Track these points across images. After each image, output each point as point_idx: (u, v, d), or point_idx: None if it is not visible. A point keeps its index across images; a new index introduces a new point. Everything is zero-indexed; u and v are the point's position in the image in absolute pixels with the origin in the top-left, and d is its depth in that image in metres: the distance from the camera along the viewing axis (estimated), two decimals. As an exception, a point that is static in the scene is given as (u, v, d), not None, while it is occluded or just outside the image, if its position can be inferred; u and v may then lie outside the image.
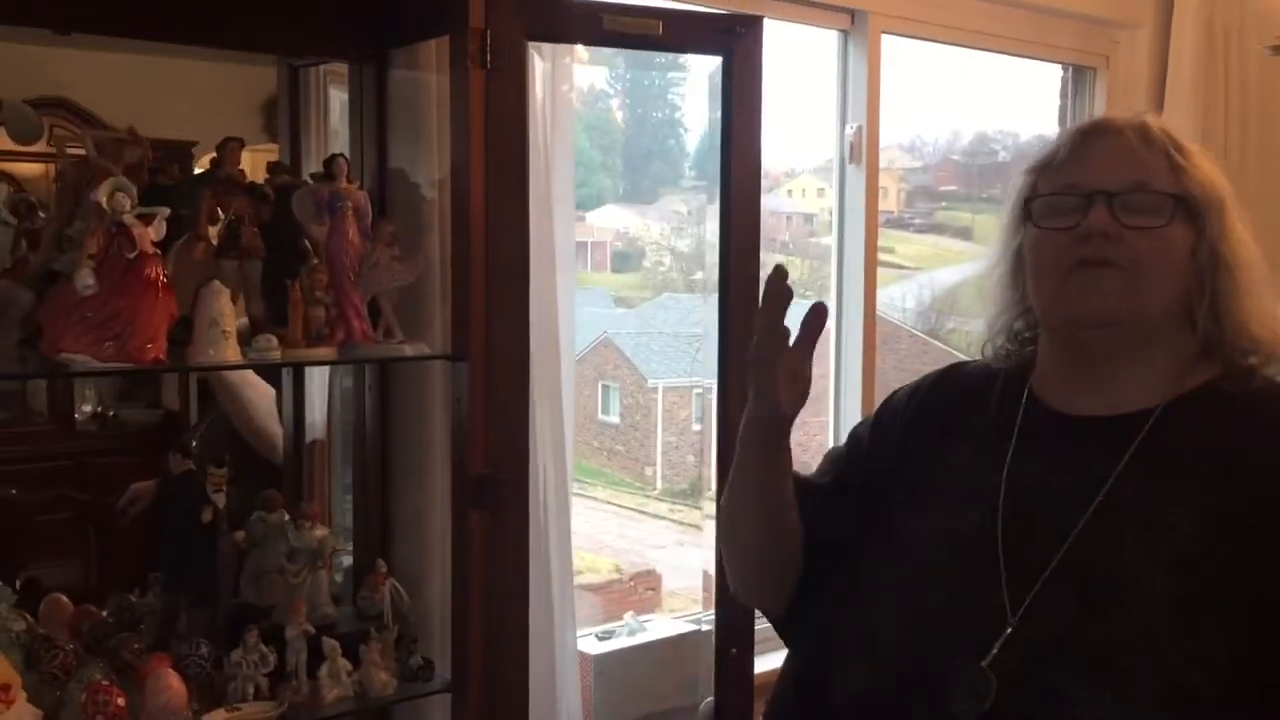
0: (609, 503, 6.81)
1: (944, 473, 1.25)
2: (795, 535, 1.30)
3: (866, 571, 1.24)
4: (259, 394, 2.01)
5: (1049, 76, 3.37)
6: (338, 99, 2.08)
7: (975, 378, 1.33)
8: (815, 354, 1.19)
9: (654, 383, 6.84)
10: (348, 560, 2.02)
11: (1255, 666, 1.04)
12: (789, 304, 1.17)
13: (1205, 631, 1.04)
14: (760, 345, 1.16)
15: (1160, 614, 1.05)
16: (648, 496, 6.83)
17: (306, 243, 1.77)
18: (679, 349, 6.70)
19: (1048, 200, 1.19)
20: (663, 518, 6.59)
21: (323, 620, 1.78)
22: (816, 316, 1.17)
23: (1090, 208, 1.15)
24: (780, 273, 1.15)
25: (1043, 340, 1.26)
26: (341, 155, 1.77)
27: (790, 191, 6.11)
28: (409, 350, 1.77)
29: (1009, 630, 1.10)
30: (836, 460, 1.38)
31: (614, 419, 7.07)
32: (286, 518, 1.82)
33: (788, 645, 1.37)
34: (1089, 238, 1.14)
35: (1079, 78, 3.24)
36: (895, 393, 1.39)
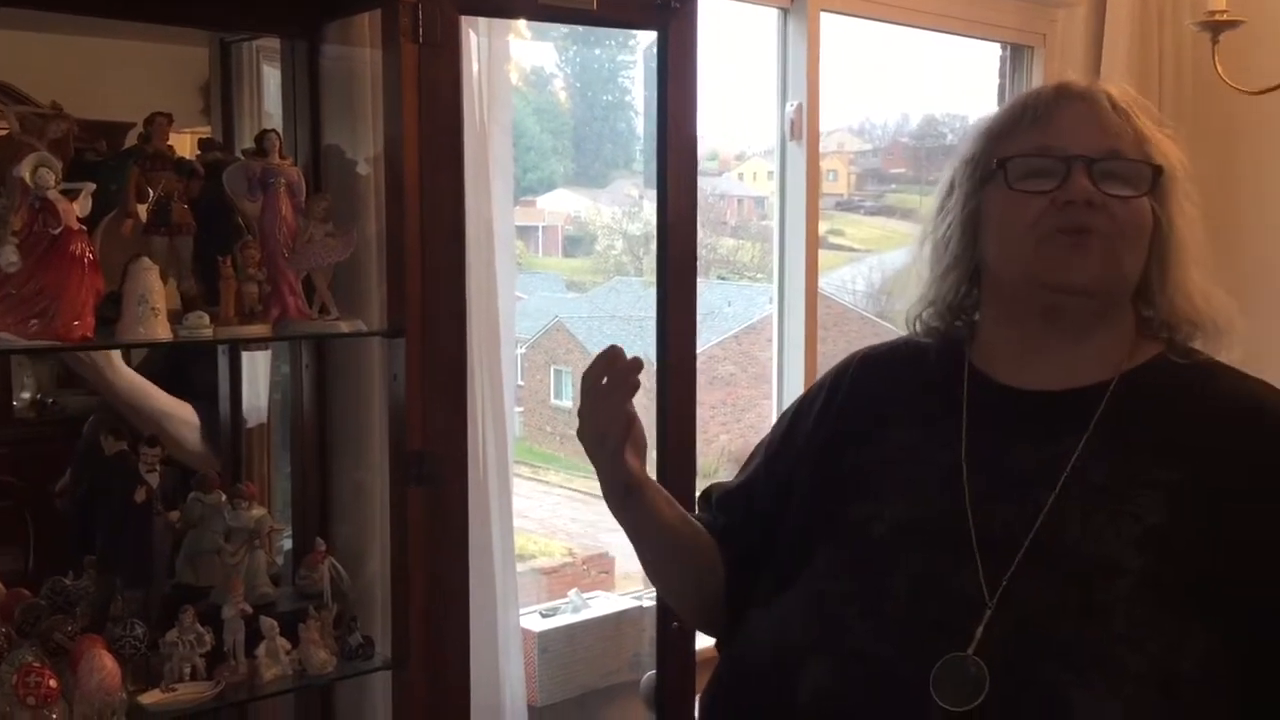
0: (562, 487, 6.81)
1: (892, 457, 1.21)
2: (712, 571, 1.29)
3: (820, 568, 1.19)
4: (179, 423, 1.93)
5: (989, 56, 3.41)
6: (272, 76, 2.06)
7: (900, 357, 1.30)
8: (760, 333, 1.19)
9: (606, 366, 6.83)
10: (290, 541, 2.00)
11: (1233, 646, 1.03)
12: (631, 389, 1.15)
13: (1180, 611, 1.03)
14: (584, 413, 1.16)
15: (1136, 595, 1.04)
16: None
17: (239, 219, 1.75)
18: (631, 333, 6.71)
19: (1025, 161, 1.16)
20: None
21: (260, 600, 1.77)
22: (632, 365, 1.15)
23: (1070, 173, 1.13)
24: (613, 352, 1.15)
25: (988, 312, 1.24)
26: (274, 131, 1.75)
27: (741, 175, 6.12)
28: (344, 327, 1.76)
29: (988, 615, 1.06)
30: (769, 457, 1.34)
31: (566, 403, 7.06)
32: (223, 498, 1.81)
33: (728, 650, 1.30)
34: (1070, 204, 1.12)
35: (1017, 56, 3.28)
36: (814, 384, 1.37)
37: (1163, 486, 1.09)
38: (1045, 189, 1.14)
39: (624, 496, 1.21)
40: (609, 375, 1.16)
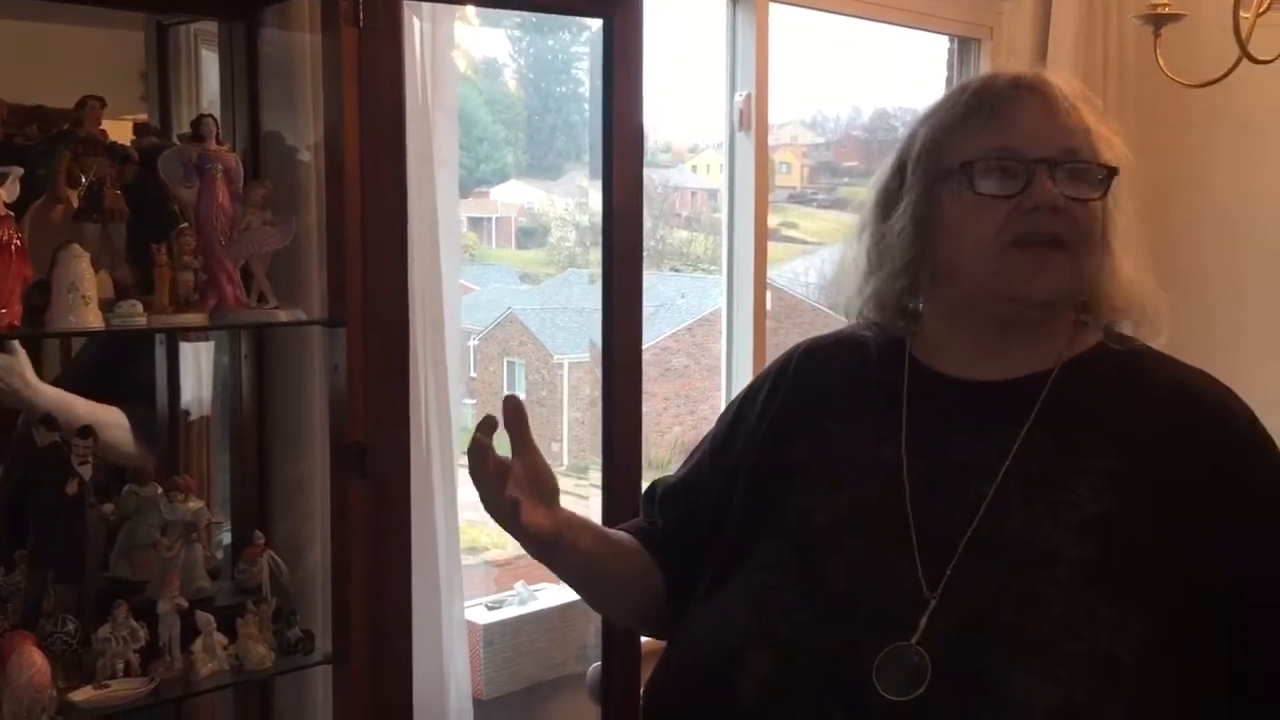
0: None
1: (832, 449, 1.21)
2: (644, 579, 1.29)
3: (760, 559, 1.17)
4: (108, 428, 1.85)
5: (936, 48, 3.42)
6: (211, 61, 2.02)
7: (843, 348, 1.29)
8: (713, 325, 1.18)
9: (559, 358, 6.82)
10: (230, 534, 1.97)
11: (1171, 631, 1.03)
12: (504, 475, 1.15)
13: (1119, 598, 1.03)
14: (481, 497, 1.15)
15: (1075, 583, 1.04)
16: (554, 472, 6.81)
17: (175, 207, 1.71)
18: (585, 324, 6.69)
19: (986, 164, 1.12)
20: (569, 493, 6.58)
21: (197, 594, 1.73)
22: (512, 409, 1.15)
23: (1033, 177, 1.10)
24: (480, 445, 1.13)
25: (935, 312, 1.22)
26: (210, 116, 1.72)
27: (694, 167, 6.13)
28: (283, 316, 1.73)
29: (931, 605, 1.06)
30: (714, 450, 1.33)
31: (520, 396, 7.02)
32: (159, 490, 1.77)
33: (671, 646, 1.28)
34: (1035, 210, 1.10)
35: (964, 49, 3.29)
36: (757, 377, 1.35)
37: (1102, 475, 1.09)
38: (1009, 194, 1.11)
39: (541, 551, 1.21)
40: (488, 463, 1.15)
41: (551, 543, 1.18)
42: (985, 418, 1.15)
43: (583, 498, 6.18)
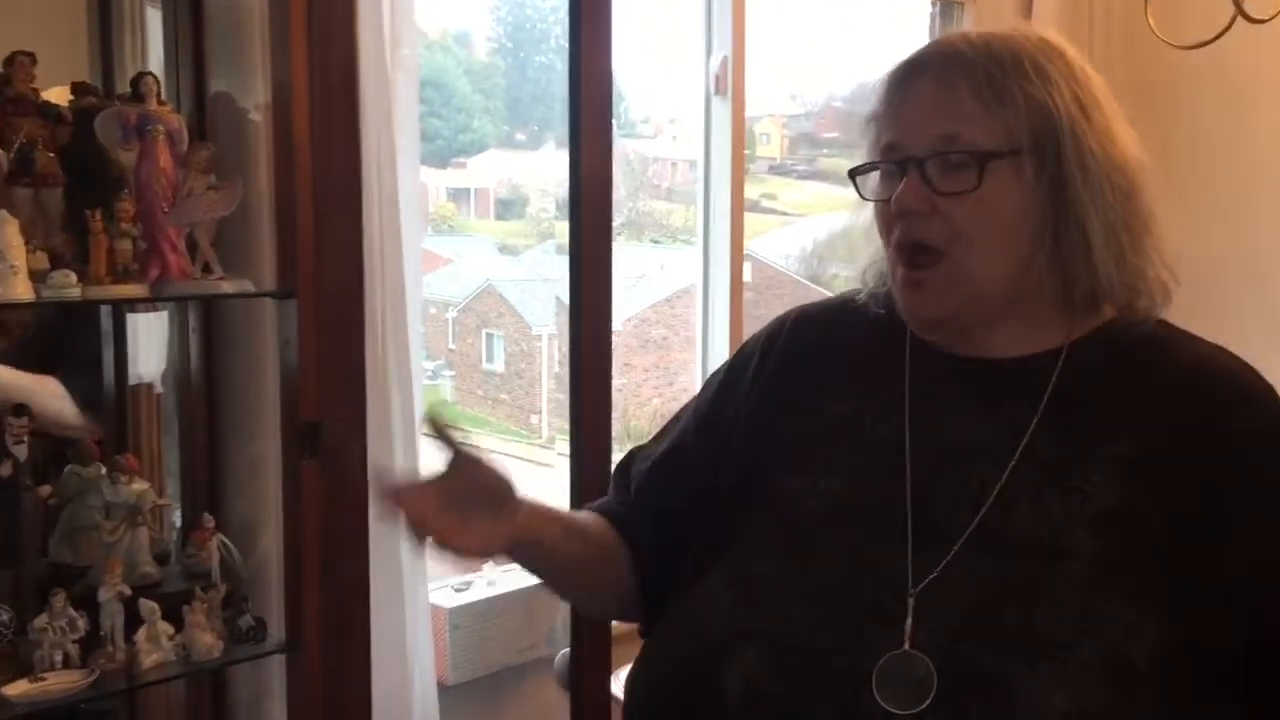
0: (496, 452, 6.71)
1: (830, 428, 1.11)
2: (627, 578, 1.21)
3: (748, 545, 1.08)
4: (46, 398, 1.75)
5: (919, 12, 3.32)
6: (155, 18, 1.92)
7: (837, 318, 1.19)
8: (693, 297, 1.09)
9: (539, 330, 6.74)
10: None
11: (1186, 634, 0.95)
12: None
13: (1134, 597, 0.95)
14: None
15: (1086, 581, 0.96)
16: (533, 445, 6.75)
17: (114, 171, 1.62)
18: (562, 296, 6.61)
19: (867, 168, 1.07)
20: (550, 465, 6.51)
21: (142, 581, 1.65)
22: (434, 423, 1.03)
23: (904, 178, 1.02)
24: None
25: None
26: (150, 73, 1.63)
27: (675, 138, 6.04)
28: (228, 287, 1.64)
29: (931, 601, 0.97)
30: (700, 425, 1.23)
31: (498, 367, 6.95)
32: (102, 470, 1.68)
33: (654, 636, 1.19)
34: (903, 215, 1.03)
35: (946, 12, 3.19)
36: (745, 346, 1.25)
37: (1117, 463, 1.00)
38: (883, 198, 1.06)
39: (503, 557, 1.13)
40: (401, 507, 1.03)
41: (504, 550, 1.09)
42: (990, 399, 1.06)
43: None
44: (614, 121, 1.90)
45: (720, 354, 2.67)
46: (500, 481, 1.06)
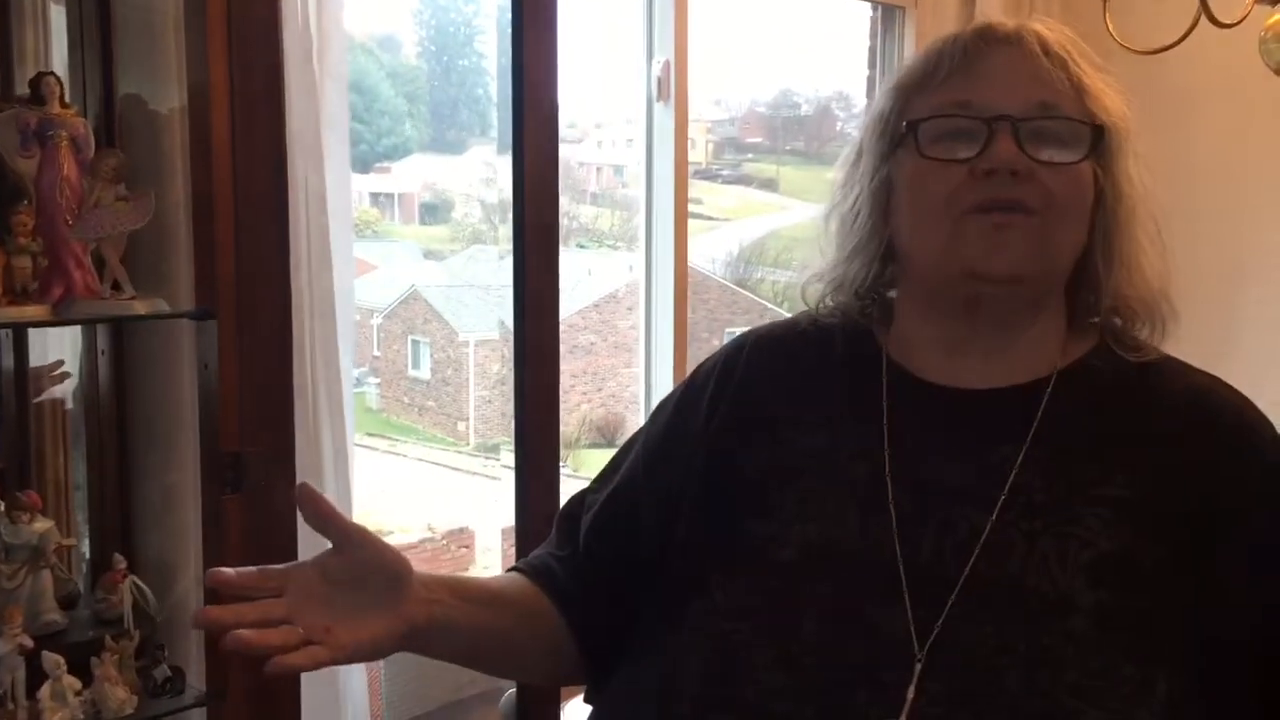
0: (421, 460, 6.58)
1: (798, 465, 1.01)
2: (560, 645, 1.08)
3: (717, 601, 0.97)
4: None
5: (859, 18, 3.28)
6: (59, 16, 1.77)
7: (800, 340, 1.10)
8: (620, 302, 0.99)
9: (465, 336, 6.62)
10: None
11: (1196, 682, 0.89)
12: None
13: (1140, 652, 0.88)
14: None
15: (1092, 641, 0.88)
16: (460, 452, 6.64)
17: (11, 180, 1.48)
18: (490, 302, 6.51)
19: (938, 123, 0.97)
20: (476, 473, 6.41)
21: (46, 629, 1.51)
22: (306, 500, 0.90)
23: (992, 136, 0.95)
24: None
25: (906, 298, 1.06)
26: (51, 74, 1.49)
27: (600, 143, 5.98)
28: (140, 308, 1.50)
29: (919, 666, 0.89)
30: (649, 461, 1.11)
31: (424, 374, 6.82)
32: (1, 508, 1.54)
33: (605, 697, 1.08)
34: (993, 174, 0.94)
35: (888, 17, 3.14)
36: (696, 372, 1.14)
37: (1113, 504, 0.93)
38: (962, 156, 0.96)
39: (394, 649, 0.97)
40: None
41: (401, 644, 0.94)
42: (976, 434, 0.98)
43: (494, 478, 6.02)
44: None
45: (663, 360, 2.59)
46: (391, 562, 0.92)
